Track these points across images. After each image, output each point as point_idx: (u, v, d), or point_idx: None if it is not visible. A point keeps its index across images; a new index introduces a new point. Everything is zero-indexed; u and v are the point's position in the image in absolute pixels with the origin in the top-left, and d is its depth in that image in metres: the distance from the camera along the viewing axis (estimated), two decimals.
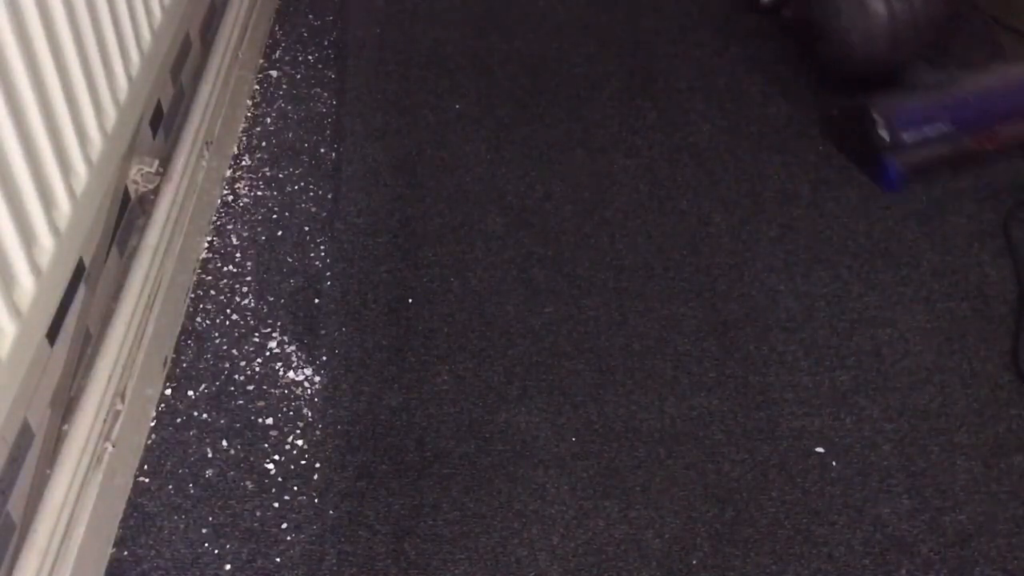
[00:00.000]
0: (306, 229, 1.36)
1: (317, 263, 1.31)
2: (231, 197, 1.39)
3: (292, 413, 1.14)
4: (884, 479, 1.10)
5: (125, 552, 1.02)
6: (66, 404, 0.98)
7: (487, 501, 1.07)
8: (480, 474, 1.09)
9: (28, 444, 0.89)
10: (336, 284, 1.29)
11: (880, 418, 1.16)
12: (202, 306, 1.25)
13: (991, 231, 1.38)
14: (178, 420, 1.13)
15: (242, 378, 1.17)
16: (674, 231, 1.37)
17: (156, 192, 1.16)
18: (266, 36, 1.66)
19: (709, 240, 1.36)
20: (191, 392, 1.16)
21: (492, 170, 1.45)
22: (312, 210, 1.38)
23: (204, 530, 1.04)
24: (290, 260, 1.31)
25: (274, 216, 1.37)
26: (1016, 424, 1.16)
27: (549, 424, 1.14)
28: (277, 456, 1.10)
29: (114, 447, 1.00)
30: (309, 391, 1.17)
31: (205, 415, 1.14)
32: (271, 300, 1.26)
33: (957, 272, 1.33)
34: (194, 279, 1.28)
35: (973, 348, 1.24)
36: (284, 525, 1.04)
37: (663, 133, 1.53)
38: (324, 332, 1.23)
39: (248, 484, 1.08)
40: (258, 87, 1.57)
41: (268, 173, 1.43)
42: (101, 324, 1.06)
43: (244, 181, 1.42)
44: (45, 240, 0.88)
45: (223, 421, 1.13)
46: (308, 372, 1.19)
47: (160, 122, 1.23)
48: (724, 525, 1.06)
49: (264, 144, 1.48)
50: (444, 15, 1.73)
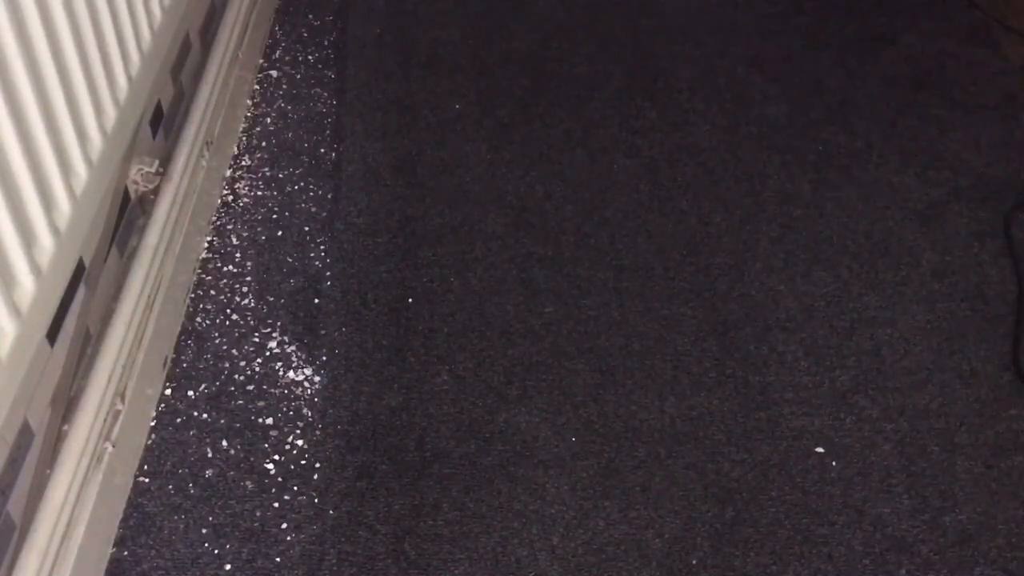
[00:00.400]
0: (306, 229, 1.36)
1: (317, 263, 1.31)
2: (231, 197, 1.39)
3: (292, 413, 1.14)
4: (884, 479, 1.10)
5: (125, 552, 1.02)
6: (66, 404, 0.98)
7: (487, 501, 1.07)
8: (480, 474, 1.09)
9: (28, 444, 0.89)
10: (336, 284, 1.29)
11: (880, 418, 1.16)
12: (202, 306, 1.25)
13: (991, 231, 1.38)
14: (178, 420, 1.13)
15: (242, 378, 1.17)
16: (674, 231, 1.37)
17: (156, 192, 1.16)
18: (266, 36, 1.66)
19: (709, 240, 1.36)
20: (191, 392, 1.16)
21: (492, 170, 1.45)
22: (312, 210, 1.38)
23: (204, 530, 1.04)
24: (290, 260, 1.31)
25: (274, 216, 1.37)
26: (1016, 424, 1.16)
27: (549, 424, 1.14)
28: (277, 456, 1.10)
29: (114, 447, 1.00)
30: (309, 391, 1.17)
31: (205, 415, 1.14)
32: (271, 300, 1.26)
33: (957, 272, 1.33)
34: (194, 279, 1.28)
35: (973, 348, 1.24)
36: (284, 525, 1.04)
37: (663, 133, 1.53)
38: (324, 332, 1.23)
39: (248, 484, 1.08)
40: (258, 87, 1.57)
41: (268, 173, 1.43)
42: (101, 324, 1.06)
43: (244, 181, 1.42)
44: (45, 240, 0.88)
45: (223, 421, 1.13)
46: (308, 372, 1.19)
47: (160, 122, 1.23)
48: (724, 525, 1.06)
49: (264, 144, 1.48)
50: (444, 15, 1.73)
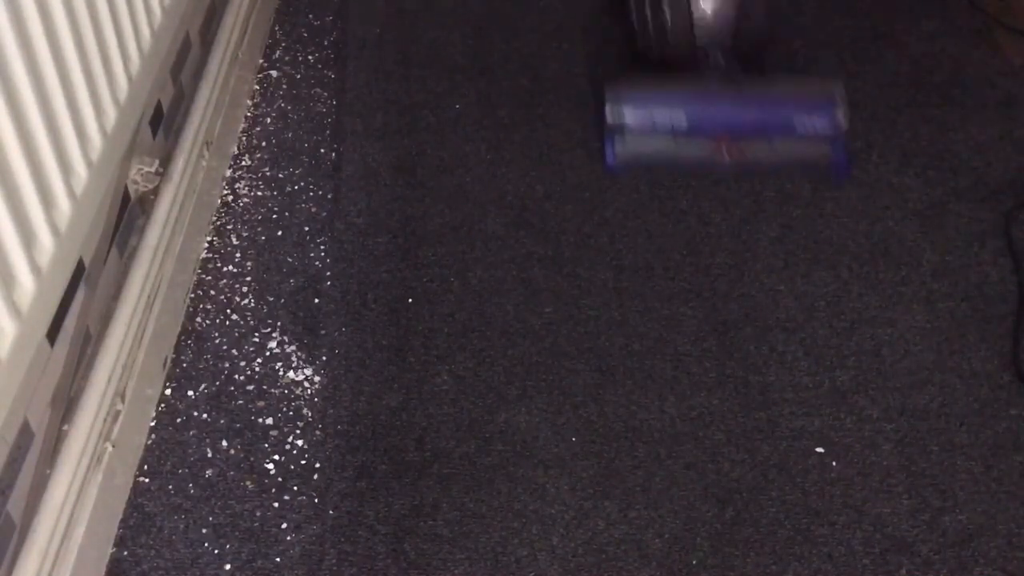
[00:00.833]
0: (306, 229, 1.36)
1: (317, 263, 1.31)
2: (231, 197, 1.39)
3: (292, 413, 1.14)
4: (884, 479, 1.10)
5: (125, 552, 1.02)
6: (66, 404, 0.98)
7: (487, 501, 1.07)
8: (480, 474, 1.09)
9: (28, 444, 0.89)
10: (336, 284, 1.29)
11: (880, 418, 1.16)
12: (202, 306, 1.25)
13: (991, 231, 1.38)
14: (178, 420, 1.13)
15: (242, 378, 1.17)
16: (674, 231, 1.37)
17: (156, 192, 1.16)
18: (266, 36, 1.66)
19: (709, 240, 1.36)
20: (191, 392, 1.16)
21: (492, 170, 1.45)
22: (312, 210, 1.38)
23: (204, 530, 1.04)
24: (290, 260, 1.31)
25: (274, 216, 1.37)
26: (1016, 424, 1.16)
27: (549, 424, 1.14)
28: (277, 456, 1.10)
29: (114, 447, 1.00)
30: (309, 391, 1.17)
31: (205, 415, 1.14)
32: (271, 300, 1.26)
33: (957, 272, 1.33)
34: (194, 279, 1.28)
35: (973, 348, 1.24)
36: (284, 525, 1.04)
37: None
38: (324, 332, 1.23)
39: (248, 484, 1.08)
40: (258, 87, 1.57)
41: (268, 173, 1.43)
42: (101, 324, 1.06)
43: (244, 181, 1.42)
44: (45, 240, 0.88)
45: (223, 421, 1.13)
46: (308, 372, 1.19)
47: (160, 122, 1.23)
48: (724, 525, 1.06)
49: (264, 144, 1.48)
50: (444, 15, 1.73)
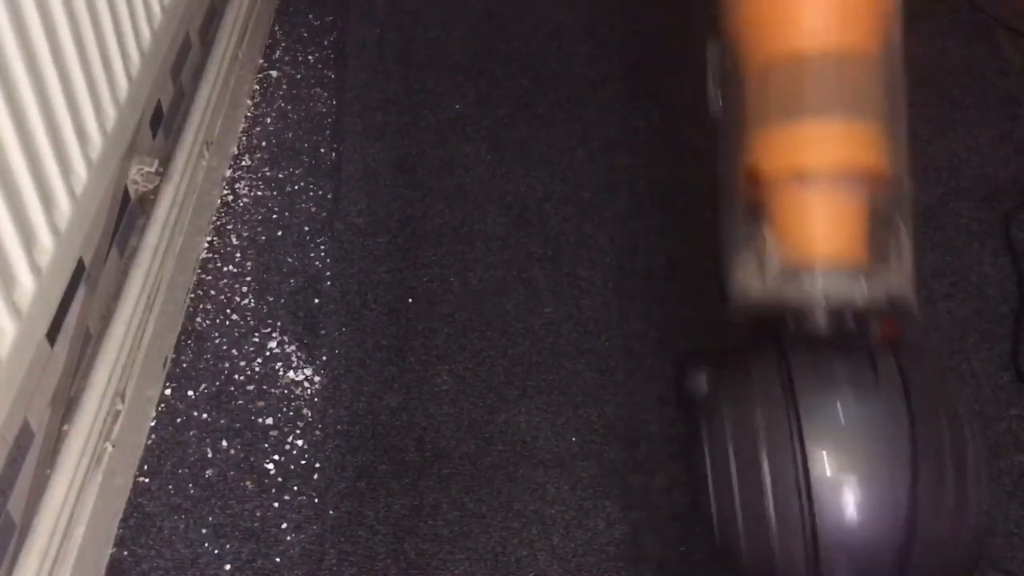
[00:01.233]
0: (306, 229, 1.36)
1: (317, 263, 1.31)
2: (231, 197, 1.39)
3: (292, 413, 1.14)
4: None
5: (125, 552, 1.02)
6: (66, 404, 0.98)
7: (487, 501, 1.07)
8: (480, 474, 1.09)
9: (28, 444, 0.89)
10: (336, 284, 1.28)
11: None
12: (202, 306, 1.25)
13: (991, 231, 1.38)
14: (178, 420, 1.13)
15: (242, 378, 1.17)
16: (674, 231, 1.37)
17: (156, 192, 1.16)
18: (266, 36, 1.66)
19: (709, 240, 1.36)
20: (191, 392, 1.16)
21: (492, 170, 1.45)
22: (312, 210, 1.38)
23: (204, 530, 1.04)
24: (290, 260, 1.31)
25: (274, 216, 1.37)
26: (1016, 424, 1.16)
27: (549, 424, 1.14)
28: (277, 456, 1.10)
29: (114, 447, 1.00)
30: (309, 391, 1.17)
31: (205, 415, 1.14)
32: (271, 300, 1.26)
33: (957, 272, 1.33)
34: (194, 279, 1.28)
35: (973, 348, 1.23)
36: (284, 525, 1.04)
37: (663, 133, 1.53)
38: (324, 332, 1.23)
39: (248, 484, 1.08)
40: (258, 87, 1.57)
41: (268, 173, 1.43)
42: (101, 324, 1.06)
43: (244, 181, 1.42)
44: (45, 240, 0.88)
45: (223, 421, 1.13)
46: (308, 372, 1.19)
47: (160, 122, 1.23)
48: None
49: (264, 144, 1.48)
50: (444, 15, 1.73)
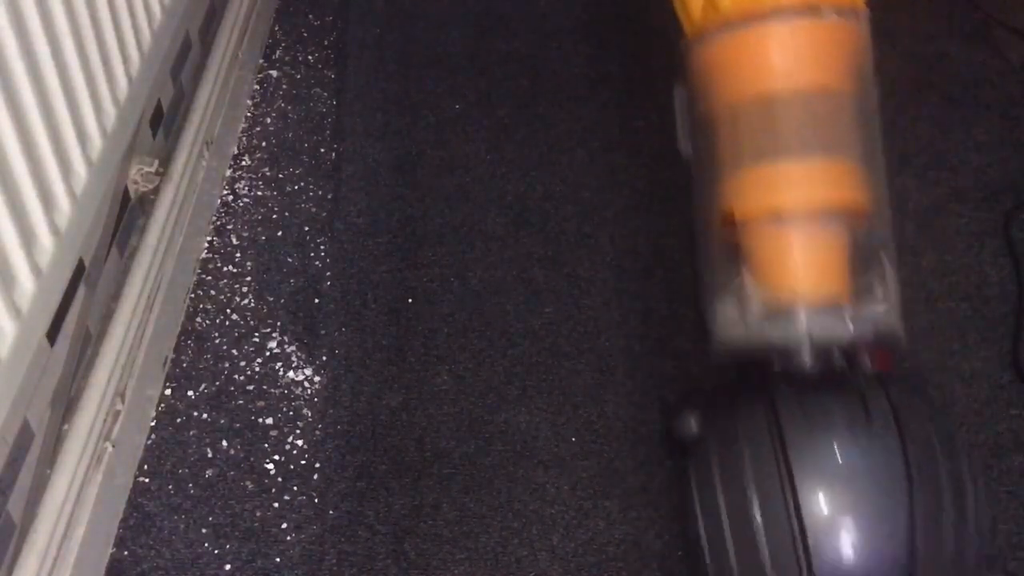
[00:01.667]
0: (306, 229, 1.36)
1: (317, 263, 1.31)
2: (231, 197, 1.39)
3: (292, 413, 1.14)
4: None
5: (125, 552, 1.02)
6: (66, 404, 0.98)
7: (487, 501, 1.07)
8: (480, 474, 1.09)
9: (28, 444, 0.89)
10: (336, 284, 1.28)
11: None
12: (202, 306, 1.25)
13: (991, 231, 1.38)
14: (178, 420, 1.13)
15: (242, 378, 1.17)
16: (674, 231, 1.37)
17: (156, 192, 1.16)
18: (266, 36, 1.66)
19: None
20: (191, 392, 1.16)
21: (492, 170, 1.45)
22: (312, 210, 1.38)
23: (204, 530, 1.04)
24: (290, 260, 1.31)
25: (274, 216, 1.37)
26: (1016, 424, 1.16)
27: (549, 424, 1.14)
28: (277, 456, 1.10)
29: (114, 447, 1.00)
30: (309, 391, 1.17)
31: (205, 415, 1.14)
32: (271, 300, 1.26)
33: (957, 272, 1.33)
34: (194, 279, 1.28)
35: (973, 348, 1.24)
36: (284, 525, 1.04)
37: (663, 133, 1.53)
38: (324, 332, 1.23)
39: (248, 484, 1.08)
40: (258, 87, 1.57)
41: (268, 173, 1.43)
42: (101, 324, 1.06)
43: (244, 181, 1.42)
44: (45, 240, 0.88)
45: (223, 421, 1.13)
46: (308, 372, 1.19)
47: (160, 122, 1.23)
48: None
49: (264, 144, 1.48)
50: (444, 15, 1.73)
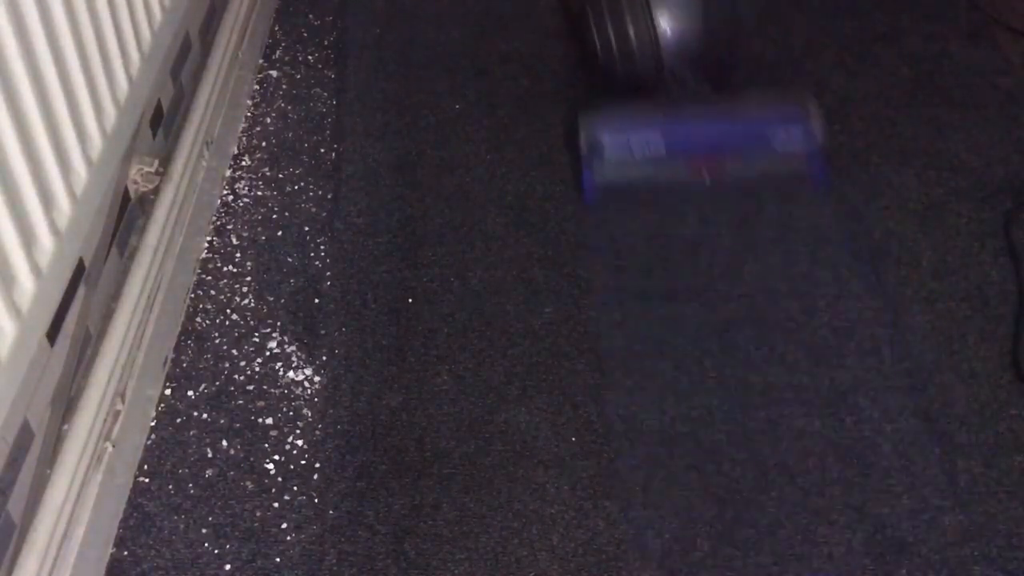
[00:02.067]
0: (306, 229, 1.36)
1: (317, 263, 1.31)
2: (231, 197, 1.39)
3: (292, 413, 1.14)
4: (884, 479, 1.10)
5: (125, 552, 1.02)
6: (66, 404, 0.98)
7: (487, 501, 1.07)
8: (480, 474, 1.09)
9: (28, 444, 0.89)
10: (336, 284, 1.29)
11: (880, 418, 1.16)
12: (202, 306, 1.25)
13: (991, 231, 1.38)
14: (178, 420, 1.13)
15: (242, 378, 1.17)
16: (674, 231, 1.37)
17: (156, 192, 1.16)
18: (266, 36, 1.66)
19: (709, 240, 1.36)
20: (191, 392, 1.16)
21: (492, 170, 1.45)
22: (312, 210, 1.38)
23: (204, 530, 1.04)
24: (290, 260, 1.31)
25: (274, 216, 1.37)
26: (1016, 424, 1.16)
27: (549, 424, 1.14)
28: (277, 456, 1.10)
29: (114, 447, 1.00)
30: (309, 391, 1.17)
31: (205, 415, 1.14)
32: (271, 300, 1.26)
33: (957, 272, 1.33)
34: (194, 279, 1.28)
35: (973, 348, 1.24)
36: (284, 525, 1.04)
37: None
38: (324, 332, 1.23)
39: (248, 484, 1.08)
40: (258, 87, 1.57)
41: (268, 173, 1.43)
42: (101, 324, 1.06)
43: (244, 181, 1.42)
44: (45, 240, 0.88)
45: (223, 421, 1.13)
46: (308, 372, 1.19)
47: (160, 122, 1.23)
48: (724, 525, 1.06)
49: (264, 144, 1.48)
50: (444, 15, 1.73)
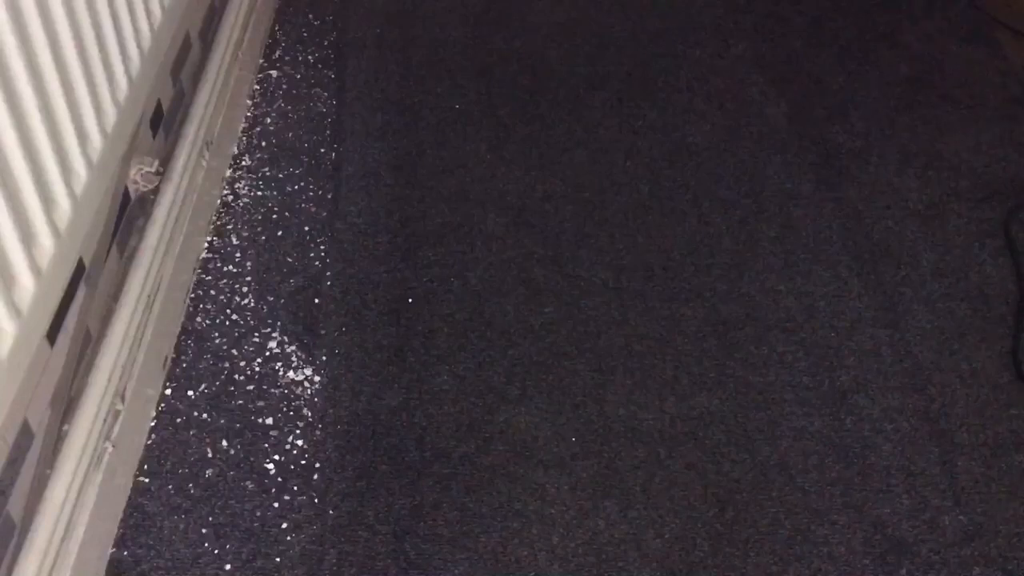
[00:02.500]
0: (306, 229, 1.36)
1: (317, 263, 1.31)
2: (231, 197, 1.39)
3: (292, 413, 1.14)
4: (884, 479, 1.10)
5: (125, 552, 1.02)
6: (66, 404, 0.98)
7: (487, 501, 1.07)
8: (480, 474, 1.09)
9: (28, 444, 0.89)
10: (336, 284, 1.29)
11: (880, 418, 1.16)
12: (202, 306, 1.25)
13: (991, 231, 1.38)
14: (178, 420, 1.13)
15: (242, 378, 1.17)
16: (674, 231, 1.37)
17: (156, 192, 1.16)
18: (266, 36, 1.66)
19: (709, 240, 1.36)
20: (191, 392, 1.16)
21: (492, 170, 1.45)
22: (312, 210, 1.38)
23: (204, 530, 1.04)
24: (290, 260, 1.31)
25: (274, 216, 1.37)
26: (1016, 424, 1.16)
27: (549, 424, 1.14)
28: (277, 456, 1.10)
29: (114, 447, 1.00)
30: (309, 391, 1.17)
31: (205, 415, 1.14)
32: (271, 300, 1.26)
33: (957, 272, 1.33)
34: (194, 279, 1.28)
35: (973, 348, 1.24)
36: (284, 525, 1.04)
37: (663, 133, 1.53)
38: (324, 332, 1.23)
39: (248, 484, 1.08)
40: (258, 87, 1.57)
41: (268, 173, 1.43)
42: (101, 324, 1.06)
43: (244, 181, 1.42)
44: (45, 240, 0.88)
45: (223, 421, 1.13)
46: (308, 372, 1.19)
47: (160, 122, 1.23)
48: (724, 525, 1.06)
49: (264, 144, 1.48)
50: (444, 15, 1.73)
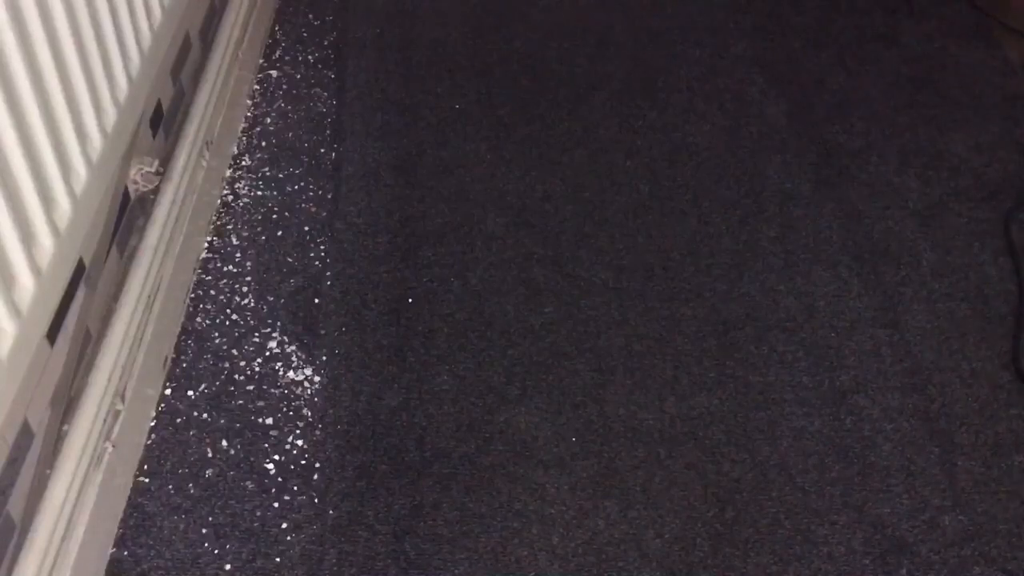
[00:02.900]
0: (306, 229, 1.36)
1: (317, 263, 1.31)
2: (231, 197, 1.39)
3: (292, 413, 1.14)
4: (884, 479, 1.10)
5: (125, 552, 1.02)
6: (66, 404, 0.98)
7: (487, 501, 1.07)
8: (480, 474, 1.09)
9: (28, 444, 0.89)
10: (336, 284, 1.29)
11: (880, 418, 1.16)
12: (202, 306, 1.25)
13: (991, 231, 1.38)
14: (178, 420, 1.13)
15: (242, 378, 1.17)
16: (674, 231, 1.37)
17: (156, 192, 1.16)
18: (266, 36, 1.66)
19: (709, 240, 1.36)
20: (191, 392, 1.16)
21: (492, 170, 1.45)
22: (312, 210, 1.38)
23: (204, 530, 1.04)
24: (290, 260, 1.31)
25: (274, 216, 1.37)
26: (1016, 424, 1.16)
27: (549, 424, 1.14)
28: (277, 456, 1.10)
29: (114, 447, 1.00)
30: (309, 391, 1.17)
31: (205, 415, 1.14)
32: (271, 300, 1.26)
33: (957, 272, 1.33)
34: (194, 279, 1.28)
35: (973, 348, 1.24)
36: (284, 525, 1.04)
37: (663, 133, 1.53)
38: (324, 332, 1.23)
39: (248, 484, 1.08)
40: (258, 87, 1.57)
41: (268, 173, 1.43)
42: (101, 324, 1.06)
43: (244, 181, 1.42)
44: (45, 240, 0.88)
45: (223, 421, 1.13)
46: (308, 372, 1.19)
47: (160, 122, 1.23)
48: (724, 525, 1.06)
49: (264, 144, 1.48)
50: (444, 15, 1.73)
